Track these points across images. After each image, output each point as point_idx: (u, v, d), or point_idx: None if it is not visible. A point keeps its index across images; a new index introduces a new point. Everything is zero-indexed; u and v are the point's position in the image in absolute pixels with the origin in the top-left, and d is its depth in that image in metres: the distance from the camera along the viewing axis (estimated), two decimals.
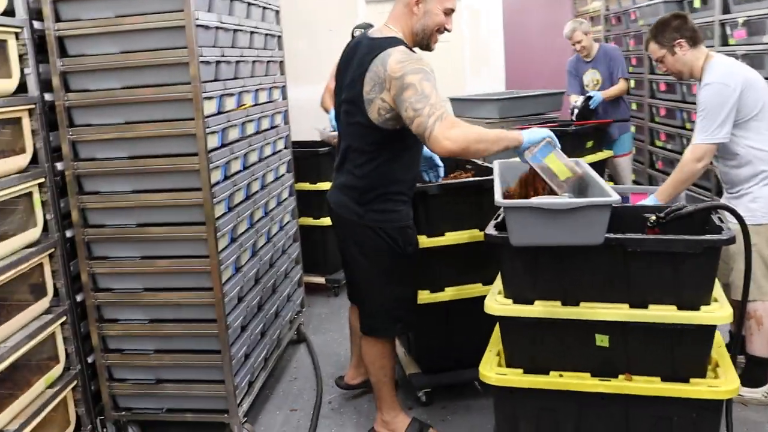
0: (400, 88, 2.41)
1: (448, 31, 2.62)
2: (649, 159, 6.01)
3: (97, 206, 2.83)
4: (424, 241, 3.01)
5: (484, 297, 2.46)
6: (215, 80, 2.86)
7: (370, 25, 4.97)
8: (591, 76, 5.40)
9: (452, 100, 6.10)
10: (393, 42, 2.51)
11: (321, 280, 4.98)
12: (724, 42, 4.40)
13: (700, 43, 3.07)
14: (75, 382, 2.81)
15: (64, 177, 2.79)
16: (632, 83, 5.86)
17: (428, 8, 2.56)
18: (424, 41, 2.63)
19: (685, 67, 3.09)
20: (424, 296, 3.07)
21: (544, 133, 2.47)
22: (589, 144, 5.00)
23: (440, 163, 3.07)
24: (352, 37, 4.79)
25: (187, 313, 2.89)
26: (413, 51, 2.55)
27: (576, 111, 5.12)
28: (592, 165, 3.08)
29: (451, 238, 3.05)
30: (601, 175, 4.80)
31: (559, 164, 2.43)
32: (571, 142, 4.53)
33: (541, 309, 2.35)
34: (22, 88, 2.57)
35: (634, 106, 6.14)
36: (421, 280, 3.04)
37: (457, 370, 3.21)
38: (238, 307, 3.03)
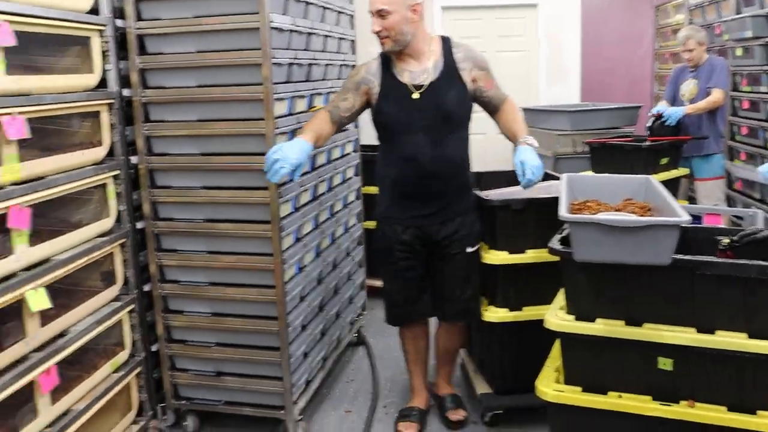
0: None
1: (374, 32, 2.75)
2: (728, 179, 5.80)
3: (168, 200, 2.92)
4: (504, 258, 2.97)
5: None
6: (287, 82, 2.89)
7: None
8: (688, 87, 5.01)
9: (525, 110, 6.02)
10: None
11: None
12: None
13: None
14: (139, 369, 2.89)
15: (138, 170, 2.88)
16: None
17: None
18: None
19: None
20: (501, 314, 3.03)
21: None
22: (664, 161, 4.84)
23: (527, 174, 2.71)
24: None
25: (249, 309, 2.94)
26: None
27: (652, 124, 4.93)
28: (666, 183, 2.98)
29: (532, 255, 2.97)
30: (675, 194, 4.63)
31: None
32: (645, 158, 4.41)
33: (603, 327, 2.30)
34: (102, 83, 2.67)
35: None
36: (498, 297, 3.03)
37: (529, 393, 3.10)
38: (299, 306, 3.06)
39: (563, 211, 2.22)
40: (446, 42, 2.84)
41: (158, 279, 2.97)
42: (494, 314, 3.04)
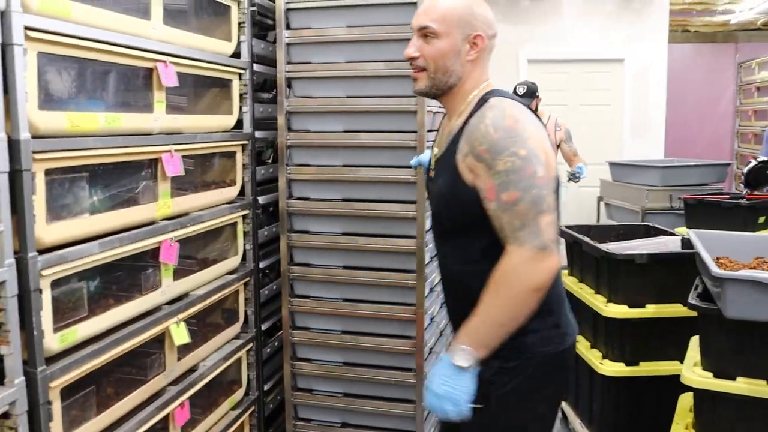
0: None
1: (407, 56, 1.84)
2: None
3: (304, 245, 2.87)
4: (624, 312, 2.94)
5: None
6: (436, 130, 2.81)
7: (533, 83, 5.00)
8: None
9: (611, 164, 5.99)
10: None
11: None
12: None
13: None
14: (253, 408, 2.90)
15: (264, 210, 2.92)
16: None
17: None
18: None
19: None
20: (617, 368, 2.98)
21: None
22: (762, 219, 4.72)
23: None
24: (515, 93, 4.84)
25: (382, 359, 2.85)
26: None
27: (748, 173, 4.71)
28: None
29: (652, 310, 2.93)
30: None
31: None
32: (744, 216, 4.30)
33: (746, 386, 2.22)
34: (238, 124, 2.74)
35: None
36: (615, 351, 2.97)
37: None
38: (429, 358, 2.91)
39: (715, 268, 2.17)
40: (484, 99, 1.75)
41: (289, 325, 2.92)
42: (610, 368, 2.98)
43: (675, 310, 2.91)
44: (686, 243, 3.06)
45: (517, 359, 1.72)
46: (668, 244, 3.23)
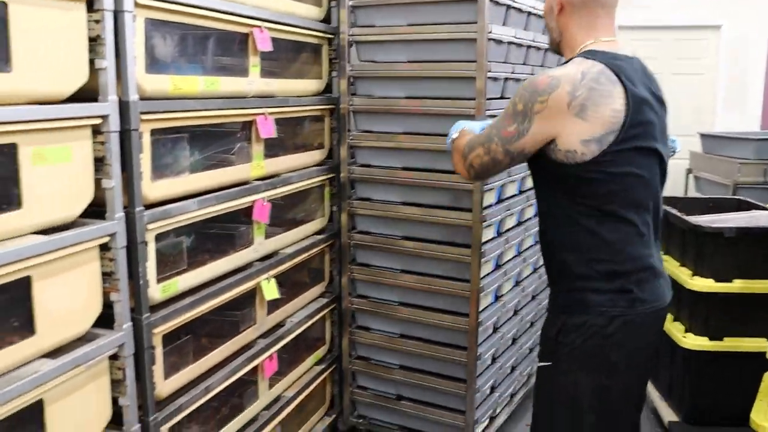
0: None
1: None
2: None
3: (366, 213, 2.84)
4: (710, 285, 2.90)
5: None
6: (501, 98, 2.70)
7: None
8: None
9: (702, 135, 5.80)
10: None
11: None
12: None
13: None
14: (335, 365, 3.01)
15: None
16: None
17: None
18: None
19: None
20: (701, 343, 2.94)
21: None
22: None
23: None
24: None
25: (438, 335, 2.78)
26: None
27: None
28: None
29: (739, 285, 2.87)
30: None
31: None
32: None
33: None
34: (327, 89, 2.81)
35: None
36: (699, 325, 2.94)
37: (719, 426, 3.00)
38: (491, 337, 2.86)
39: None
40: (571, 59, 1.82)
41: (349, 293, 2.91)
42: (692, 342, 2.95)
43: (764, 286, 2.85)
44: None
45: (582, 315, 1.78)
46: (760, 219, 3.14)
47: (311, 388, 2.80)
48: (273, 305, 2.49)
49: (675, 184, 6.50)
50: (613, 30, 1.87)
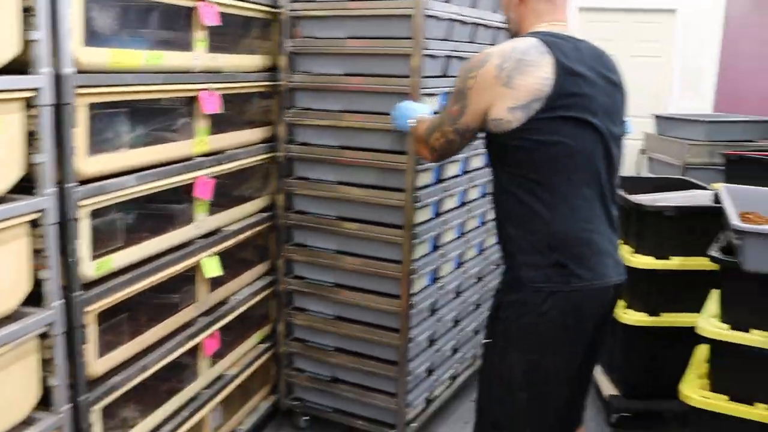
0: None
1: None
2: None
3: (303, 192, 2.78)
4: (649, 262, 2.97)
5: None
6: (443, 76, 2.65)
7: None
8: None
9: (656, 117, 5.87)
10: None
11: None
12: None
13: None
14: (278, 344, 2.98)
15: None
16: None
17: None
18: None
19: None
20: (639, 318, 3.02)
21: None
22: None
23: None
24: None
25: (372, 317, 2.74)
26: None
27: None
28: None
29: (677, 262, 2.96)
30: None
31: None
32: None
33: (759, 338, 2.28)
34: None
35: None
36: (637, 301, 3.01)
37: (657, 399, 3.10)
38: (428, 320, 2.82)
39: (735, 221, 2.19)
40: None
41: (284, 273, 2.87)
42: (632, 317, 3.03)
43: (699, 263, 2.89)
44: (717, 198, 3.05)
45: (516, 293, 1.83)
46: (699, 198, 3.22)
47: (254, 366, 2.79)
48: (216, 283, 2.47)
49: (629, 164, 6.59)
50: (564, 16, 1.92)
